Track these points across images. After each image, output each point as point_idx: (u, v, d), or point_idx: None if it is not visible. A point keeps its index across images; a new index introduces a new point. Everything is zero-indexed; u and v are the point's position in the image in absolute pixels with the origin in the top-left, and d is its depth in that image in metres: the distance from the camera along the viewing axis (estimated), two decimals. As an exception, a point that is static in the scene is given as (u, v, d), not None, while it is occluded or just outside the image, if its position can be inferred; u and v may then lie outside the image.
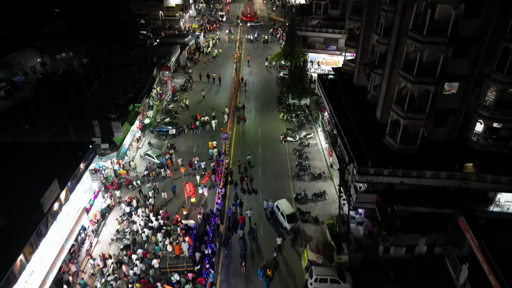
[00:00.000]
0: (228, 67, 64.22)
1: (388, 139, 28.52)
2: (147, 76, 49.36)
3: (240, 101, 52.94)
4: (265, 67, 63.72)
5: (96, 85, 47.20)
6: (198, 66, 64.23)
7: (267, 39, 74.44)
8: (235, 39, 74.99)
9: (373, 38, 34.66)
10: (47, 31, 64.61)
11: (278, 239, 29.93)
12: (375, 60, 32.98)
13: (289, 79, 49.01)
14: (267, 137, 44.63)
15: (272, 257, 28.75)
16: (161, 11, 75.59)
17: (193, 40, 67.61)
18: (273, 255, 28.74)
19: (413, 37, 24.68)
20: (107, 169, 36.56)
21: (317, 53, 60.38)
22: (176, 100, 52.70)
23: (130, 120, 40.16)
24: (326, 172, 37.88)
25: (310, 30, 59.66)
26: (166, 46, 61.85)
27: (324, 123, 42.33)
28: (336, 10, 57.84)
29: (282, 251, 29.60)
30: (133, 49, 64.26)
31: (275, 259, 28.81)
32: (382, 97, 30.10)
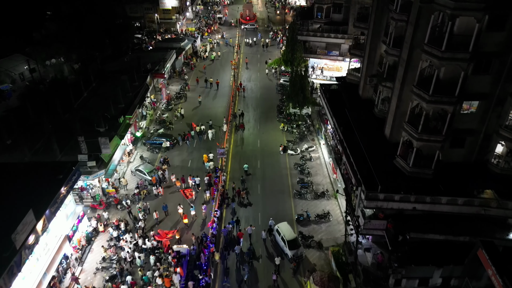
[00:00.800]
0: (226, 71, 61.73)
1: (399, 161, 26.03)
2: (140, 84, 46.78)
3: (239, 108, 50.54)
4: (264, 73, 61.17)
5: (86, 95, 44.63)
6: (194, 72, 61.67)
7: (267, 43, 71.89)
8: (233, 43, 72.35)
9: (381, 47, 32.17)
10: (38, 36, 62.10)
11: (277, 259, 27.83)
12: (383, 72, 30.49)
13: (289, 87, 46.53)
14: (267, 150, 42.16)
15: (272, 280, 26.60)
16: (157, 14, 72.95)
17: (189, 44, 65.02)
18: (273, 277, 26.61)
19: (430, 52, 22.19)
20: (95, 188, 34.03)
21: (319, 59, 57.90)
22: (171, 108, 50.19)
23: (120, 133, 37.61)
24: (329, 190, 35.41)
25: (312, 35, 57.16)
26: (161, 51, 59.21)
27: (327, 137, 39.84)
28: (339, 14, 55.41)
29: (281, 273, 27.50)
30: (127, 54, 61.72)
31: (275, 282, 26.54)
32: (392, 114, 27.61)
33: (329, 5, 54.68)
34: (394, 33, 28.13)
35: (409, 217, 25.95)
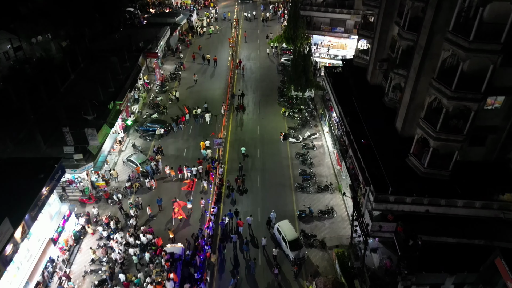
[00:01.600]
0: (225, 47, 58.37)
1: (412, 160, 23.71)
2: (132, 65, 43.68)
3: (239, 88, 47.79)
4: (265, 50, 57.68)
5: (73, 77, 41.69)
6: (190, 49, 58.19)
7: (267, 17, 67.79)
8: (231, 18, 68.22)
9: (394, 30, 29.09)
10: (25, 10, 58.11)
11: (274, 250, 26.62)
12: (395, 57, 27.58)
13: (291, 69, 43.48)
14: (267, 137, 39.75)
15: (274, 274, 25.31)
16: (150, -14, 68.52)
17: (185, 19, 61.13)
18: (275, 271, 25.27)
19: (455, 41, 19.33)
20: (84, 181, 31.90)
21: (323, 35, 54.33)
22: (165, 91, 47.33)
23: (110, 121, 35.08)
24: (333, 183, 33.31)
25: (315, 10, 53.30)
26: (154, 27, 55.48)
27: (331, 125, 37.28)
28: (345, -13, 51.35)
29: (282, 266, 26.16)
30: (119, 30, 58.05)
31: (277, 276, 25.24)
32: (405, 106, 25.02)
33: (334, -20, 50.57)
34: (409, 15, 25.02)
35: (418, 218, 24.00)
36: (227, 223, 29.59)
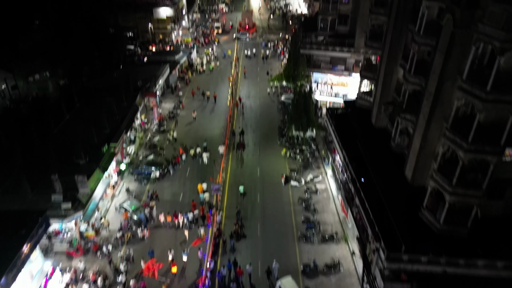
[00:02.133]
0: (224, 84, 57.90)
1: (426, 214, 21.85)
2: (129, 105, 42.67)
3: (239, 126, 46.88)
4: (264, 87, 57.02)
5: (68, 117, 40.48)
6: (190, 87, 57.58)
7: (267, 55, 67.83)
8: (231, 55, 68.32)
9: (399, 72, 28.05)
10: (24, 47, 58.07)
11: None
12: (402, 101, 26.34)
13: (292, 109, 42.44)
14: (268, 180, 37.96)
15: None
16: (151, 24, 68.98)
17: (185, 57, 60.96)
18: None
19: (470, 91, 18.10)
20: (71, 231, 29.81)
21: (323, 73, 53.84)
22: (163, 130, 46.05)
23: (103, 165, 33.46)
24: (339, 232, 31.17)
25: (315, 48, 53.11)
26: (154, 65, 55.14)
27: (335, 169, 35.60)
28: (345, 26, 51.51)
29: None
30: (118, 69, 57.78)
31: None
32: (415, 154, 23.46)
33: (334, 17, 50.79)
34: (416, 58, 24.00)
35: (436, 278, 21.79)
36: (225, 275, 27.30)
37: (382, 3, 29.58)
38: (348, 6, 49.70)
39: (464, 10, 18.09)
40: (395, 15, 26.37)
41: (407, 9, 25.48)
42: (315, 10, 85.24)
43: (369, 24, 31.73)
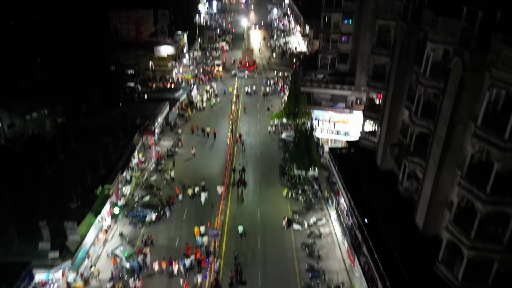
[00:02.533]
0: (225, 120, 57.42)
1: (442, 269, 20.09)
2: (126, 144, 41.63)
3: (240, 163, 45.90)
4: (265, 126, 56.28)
5: (63, 157, 39.27)
6: (189, 124, 56.90)
7: (267, 92, 67.78)
8: (232, 92, 68.27)
9: (404, 113, 27.17)
10: (24, 85, 58.06)
11: None
12: (409, 144, 25.23)
13: (293, 148, 41.39)
14: (269, 223, 36.21)
15: None
16: (152, 62, 69.47)
17: (185, 95, 60.73)
18: None
19: (486, 139, 17.02)
20: (58, 281, 27.72)
21: (324, 111, 53.36)
22: (160, 169, 44.72)
23: (96, 208, 31.87)
24: (345, 282, 29.05)
25: (316, 86, 53.01)
26: (153, 102, 54.73)
27: (340, 212, 33.94)
28: (345, 65, 51.60)
29: None
30: (117, 106, 57.40)
31: None
32: (426, 202, 22.03)
33: (334, 56, 50.95)
34: (423, 100, 23.13)
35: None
36: None
37: (384, 44, 29.30)
38: (348, 45, 50.01)
39: (474, 53, 17.40)
40: (398, 56, 25.89)
41: (410, 50, 25.02)
42: (314, 48, 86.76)
43: (371, 64, 31.31)
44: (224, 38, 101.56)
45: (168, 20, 67.40)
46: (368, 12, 46.03)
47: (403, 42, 24.98)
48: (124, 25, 67.49)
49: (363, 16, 46.51)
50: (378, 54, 29.73)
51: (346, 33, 49.40)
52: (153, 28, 67.84)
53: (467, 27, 17.93)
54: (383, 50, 29.09)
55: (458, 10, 19.14)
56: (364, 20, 46.70)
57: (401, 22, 25.19)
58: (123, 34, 68.43)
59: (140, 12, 66.60)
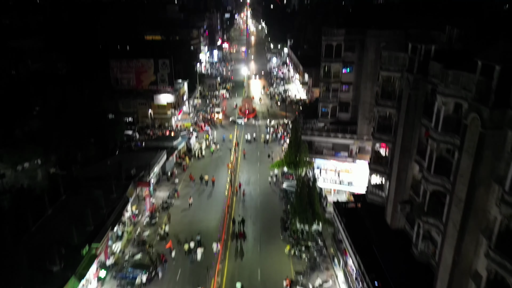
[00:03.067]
0: (224, 168, 55.70)
1: None
2: (119, 196, 39.46)
3: (239, 214, 43.61)
4: (265, 174, 54.34)
5: (50, 212, 36.92)
6: (187, 173, 55.02)
7: (267, 139, 66.63)
8: (231, 140, 67.13)
9: (414, 168, 25.40)
10: (20, 134, 56.91)
11: None
12: (422, 202, 23.19)
13: (295, 201, 39.17)
14: (270, 285, 33.14)
15: None
16: (151, 110, 69.08)
17: (183, 143, 59.49)
18: None
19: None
20: None
21: (326, 159, 51.80)
22: (154, 223, 42.15)
23: (80, 271, 29.06)
24: None
25: (317, 135, 52.00)
26: (151, 151, 53.32)
27: (348, 275, 31.04)
28: (346, 113, 50.84)
29: None
30: (114, 154, 55.97)
31: None
32: (447, 271, 19.59)
33: (334, 104, 50.29)
34: (436, 156, 21.45)
35: None
36: None
37: (388, 95, 28.28)
38: (349, 94, 49.54)
39: (493, 110, 16.02)
40: (405, 108, 24.67)
41: (418, 102, 23.84)
42: (313, 95, 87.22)
43: (376, 115, 30.06)
44: (224, 86, 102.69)
45: (169, 69, 67.86)
46: (368, 62, 46.05)
47: (410, 94, 23.87)
48: (124, 74, 67.83)
49: (363, 66, 46.44)
50: (383, 106, 28.59)
51: (346, 82, 49.13)
52: (154, 77, 68.13)
53: (483, 81, 16.74)
54: (388, 102, 27.98)
55: (469, 62, 18.08)
56: (364, 70, 46.58)
57: (407, 74, 24.27)
58: (123, 82, 68.59)
59: (141, 62, 67.17)
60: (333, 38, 46.86)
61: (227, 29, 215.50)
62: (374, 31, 44.52)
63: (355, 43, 47.00)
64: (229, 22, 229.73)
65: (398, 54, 26.04)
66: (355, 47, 47.10)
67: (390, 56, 26.51)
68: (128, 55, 74.29)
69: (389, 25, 46.21)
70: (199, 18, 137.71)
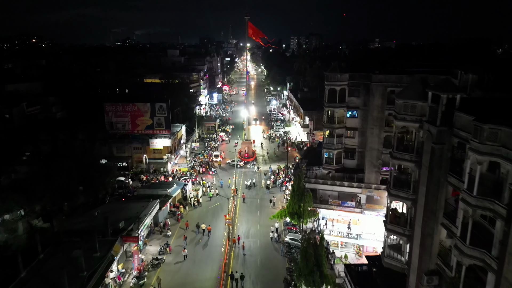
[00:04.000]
0: (221, 217, 51.85)
1: None
2: (103, 255, 35.34)
3: (237, 270, 39.69)
4: (266, 225, 50.24)
5: (24, 274, 32.68)
6: (181, 223, 50.93)
7: (267, 184, 63.07)
8: (230, 186, 63.50)
9: (441, 232, 21.80)
10: (6, 182, 53.48)
11: None
12: (455, 277, 19.36)
13: (301, 262, 34.97)
14: None
15: None
16: (146, 154, 66.02)
17: (178, 190, 55.88)
18: None
19: None
20: None
21: (332, 210, 48.09)
22: (142, 284, 37.68)
23: None
24: None
25: (321, 183, 48.66)
26: (142, 200, 49.62)
27: None
28: (352, 160, 47.82)
29: None
30: (104, 203, 52.22)
31: None
32: None
33: (339, 150, 47.35)
34: (470, 224, 17.99)
35: None
36: None
37: (405, 148, 25.28)
38: (354, 140, 46.81)
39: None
40: (428, 164, 21.56)
41: (443, 158, 20.79)
42: (315, 138, 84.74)
43: (392, 172, 26.75)
44: (223, 128, 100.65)
45: (166, 113, 65.73)
46: (374, 107, 43.91)
47: (434, 149, 20.87)
48: (119, 118, 65.56)
49: (369, 111, 44.21)
50: (399, 159, 25.45)
51: (351, 128, 46.56)
52: (150, 121, 65.85)
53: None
54: (406, 155, 24.86)
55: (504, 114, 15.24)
56: (370, 115, 44.31)
57: (428, 125, 21.44)
58: (118, 127, 66.15)
59: (137, 106, 65.16)
60: (336, 83, 44.90)
61: (227, 72, 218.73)
62: (379, 75, 42.71)
63: (359, 87, 45.03)
64: (229, 65, 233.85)
65: (415, 102, 23.34)
66: (359, 91, 45.08)
67: (406, 105, 23.81)
68: (126, 98, 72.68)
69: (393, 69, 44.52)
70: (199, 62, 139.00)
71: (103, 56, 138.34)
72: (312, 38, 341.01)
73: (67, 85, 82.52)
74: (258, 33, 72.64)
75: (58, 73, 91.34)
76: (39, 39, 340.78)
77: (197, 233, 47.91)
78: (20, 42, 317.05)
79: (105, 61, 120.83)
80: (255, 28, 71.32)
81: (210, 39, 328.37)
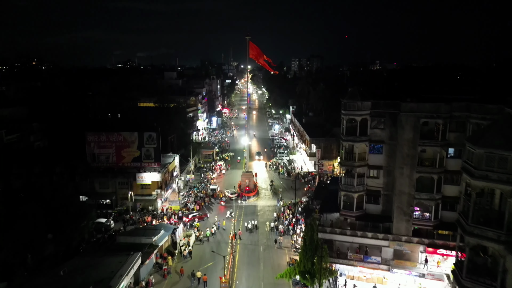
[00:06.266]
0: (218, 263, 43.72)
1: None
2: None
3: None
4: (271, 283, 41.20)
5: None
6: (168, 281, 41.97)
7: (272, 227, 54.26)
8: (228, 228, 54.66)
9: None
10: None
11: None
12: None
13: None
14: None
15: None
16: (132, 191, 57.49)
17: (166, 237, 47.09)
18: None
19: None
20: None
21: (352, 265, 39.39)
22: None
23: None
24: None
25: (338, 233, 40.18)
26: (122, 253, 40.83)
27: None
28: (376, 205, 39.50)
29: None
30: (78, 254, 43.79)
31: None
32: None
33: (361, 193, 39.07)
34: None
35: None
36: None
37: (487, 219, 16.94)
38: (379, 180, 38.64)
39: None
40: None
41: None
42: (323, 168, 76.40)
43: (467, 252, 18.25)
44: (222, 156, 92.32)
45: (156, 143, 57.73)
46: (404, 142, 35.99)
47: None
48: (103, 150, 57.52)
49: (398, 146, 36.18)
50: (478, 237, 16.89)
51: (375, 166, 38.40)
52: (137, 152, 57.78)
53: None
54: (488, 231, 16.19)
55: None
56: (399, 151, 36.27)
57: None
58: (101, 159, 58.00)
59: (123, 135, 57.21)
60: (356, 112, 37.12)
61: (227, 94, 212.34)
62: (411, 104, 35.01)
63: (384, 117, 37.28)
64: (230, 87, 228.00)
65: (507, 154, 15.25)
66: (384, 122, 37.27)
67: (491, 157, 15.75)
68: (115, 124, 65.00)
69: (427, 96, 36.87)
70: (198, 85, 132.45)
71: (99, 78, 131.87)
72: (313, 60, 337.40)
73: (53, 109, 74.96)
74: (261, 55, 65.39)
75: (47, 96, 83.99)
76: (39, 61, 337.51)
77: (192, 282, 40.83)
78: (19, 64, 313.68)
79: (98, 84, 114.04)
80: (257, 49, 64.20)
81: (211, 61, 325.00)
